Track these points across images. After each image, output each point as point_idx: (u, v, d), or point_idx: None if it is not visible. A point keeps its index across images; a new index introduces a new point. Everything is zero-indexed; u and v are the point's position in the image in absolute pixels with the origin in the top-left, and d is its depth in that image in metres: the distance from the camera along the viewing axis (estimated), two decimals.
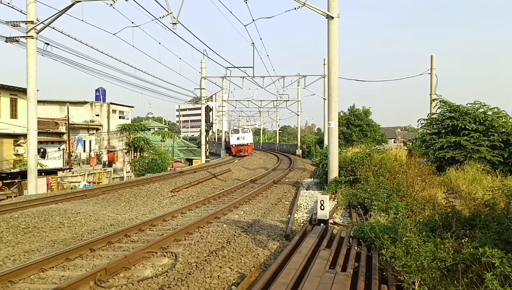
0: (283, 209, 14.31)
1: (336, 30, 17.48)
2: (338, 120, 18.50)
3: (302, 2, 17.59)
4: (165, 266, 7.55)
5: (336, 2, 17.39)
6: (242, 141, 52.67)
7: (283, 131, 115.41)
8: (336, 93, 17.78)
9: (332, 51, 17.55)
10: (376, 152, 18.90)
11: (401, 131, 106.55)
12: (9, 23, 18.12)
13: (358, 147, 21.93)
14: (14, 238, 9.83)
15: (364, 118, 49.57)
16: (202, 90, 42.52)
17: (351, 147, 24.16)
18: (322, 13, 17.53)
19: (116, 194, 16.07)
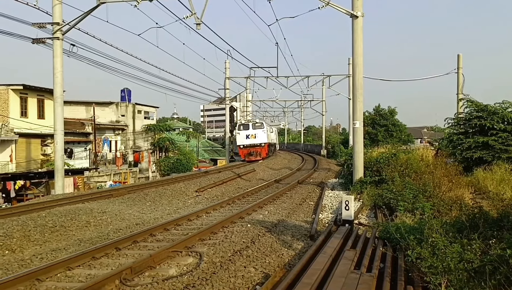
0: (308, 209, 14.24)
1: (361, 29, 17.34)
2: (363, 120, 18.33)
3: (326, 1, 17.53)
4: (190, 265, 7.58)
5: (360, 1, 17.27)
6: (252, 140, 39.19)
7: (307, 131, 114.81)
8: (361, 92, 17.62)
9: (356, 50, 17.41)
10: (402, 152, 18.64)
11: (427, 131, 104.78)
12: (36, 25, 18.53)
13: (383, 147, 21.66)
14: (41, 236, 10.03)
15: (390, 118, 48.97)
16: (226, 91, 42.74)
17: (376, 147, 23.89)
18: (346, 12, 17.42)
19: (142, 193, 16.27)
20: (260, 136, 39.01)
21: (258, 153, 38.84)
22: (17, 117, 37.37)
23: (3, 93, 37.39)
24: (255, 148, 38.97)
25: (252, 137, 38.75)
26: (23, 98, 38.41)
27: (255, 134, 38.87)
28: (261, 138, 39.08)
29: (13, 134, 36.37)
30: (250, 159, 37.91)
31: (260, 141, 39.05)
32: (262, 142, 39.07)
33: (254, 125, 39.72)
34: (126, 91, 55.42)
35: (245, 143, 38.88)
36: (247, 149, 39.02)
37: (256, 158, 37.92)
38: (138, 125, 55.21)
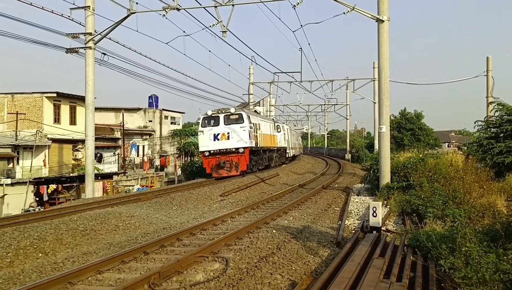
0: (333, 215, 14.12)
1: (386, 33, 17.24)
2: (389, 124, 18.16)
3: (351, 6, 17.54)
4: (216, 271, 7.58)
5: (386, 5, 17.18)
6: (224, 143, 25.11)
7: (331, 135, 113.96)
8: (387, 96, 17.46)
9: (382, 54, 17.30)
10: (430, 157, 18.34)
11: (455, 135, 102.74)
12: (69, 35, 19.10)
13: (410, 152, 21.37)
14: (73, 240, 10.23)
15: (416, 121, 48.33)
16: (250, 96, 42.94)
17: (402, 152, 23.59)
18: (372, 16, 17.36)
19: (168, 198, 16.44)
20: (237, 136, 24.91)
21: (233, 164, 24.80)
22: (51, 124, 38.52)
23: (38, 100, 38.58)
24: (227, 156, 24.80)
25: (224, 137, 24.92)
26: (56, 105, 39.58)
27: (228, 133, 24.94)
28: (239, 139, 24.86)
29: (47, 139, 37.40)
30: (219, 174, 24.76)
31: (237, 145, 24.78)
32: (241, 146, 24.68)
33: (227, 118, 25.19)
34: (154, 97, 56.33)
35: (212, 148, 24.84)
36: (215, 157, 24.89)
37: (230, 173, 24.64)
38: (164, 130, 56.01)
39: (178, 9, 18.88)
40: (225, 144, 24.93)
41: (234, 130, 24.98)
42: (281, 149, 37.46)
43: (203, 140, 25.30)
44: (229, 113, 25.42)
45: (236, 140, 24.89)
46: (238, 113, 25.53)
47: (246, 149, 25.08)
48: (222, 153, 24.95)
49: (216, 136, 25.02)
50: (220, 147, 24.93)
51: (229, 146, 24.94)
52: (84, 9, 19.39)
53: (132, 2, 18.95)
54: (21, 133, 37.15)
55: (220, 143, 24.95)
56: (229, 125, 25.09)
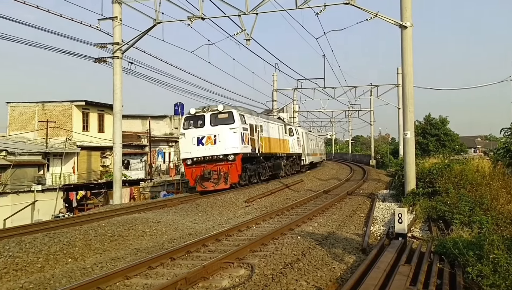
0: (358, 221, 14.06)
1: (410, 39, 17.22)
2: (414, 129, 18.05)
3: (374, 13, 17.62)
4: (242, 277, 7.64)
5: (409, 11, 17.16)
6: (209, 149, 20.97)
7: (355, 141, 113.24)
8: (412, 102, 17.39)
9: (406, 60, 17.27)
10: (456, 163, 18.11)
11: (481, 140, 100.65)
12: (98, 45, 19.61)
13: (435, 158, 21.12)
14: (101, 245, 10.44)
15: (441, 127, 47.84)
16: (273, 102, 43.14)
17: (428, 158, 23.34)
18: (395, 23, 17.38)
19: (194, 204, 16.63)
20: (226, 140, 20.58)
21: (220, 175, 20.61)
22: (79, 131, 39.48)
23: (67, 109, 39.64)
24: (214, 164, 20.73)
25: (209, 142, 20.68)
26: (85, 113, 40.56)
27: (215, 136, 20.65)
28: (229, 143, 20.58)
29: (76, 147, 38.31)
30: (204, 187, 20.76)
31: (225, 151, 20.52)
32: (231, 152, 20.55)
33: (214, 117, 20.98)
34: (179, 105, 57.03)
35: (195, 154, 20.87)
36: (199, 166, 20.87)
37: (218, 187, 20.57)
38: None
39: (203, 18, 19.18)
40: (211, 150, 20.70)
41: (222, 133, 20.64)
42: (293, 155, 32.80)
43: (185, 145, 21.36)
44: (217, 111, 21.04)
45: (225, 145, 20.54)
46: (228, 112, 21.15)
47: (237, 156, 20.73)
48: (208, 161, 20.78)
49: (200, 140, 20.80)
50: (205, 154, 20.73)
51: (216, 152, 20.66)
52: (112, 19, 19.86)
53: (158, 12, 19.34)
54: (51, 141, 38.10)
55: (205, 148, 20.74)
56: (216, 126, 20.81)
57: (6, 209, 31.01)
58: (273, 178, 27.21)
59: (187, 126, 21.48)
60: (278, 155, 28.37)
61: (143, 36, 20.05)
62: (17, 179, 33.75)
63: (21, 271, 8.49)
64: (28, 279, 8.07)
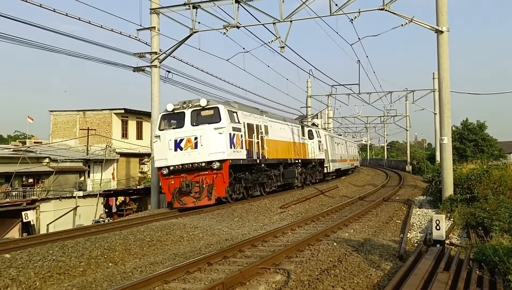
0: (395, 228, 13.91)
1: (446, 44, 17.02)
2: (451, 135, 17.78)
3: (409, 18, 17.50)
4: (278, 282, 7.68)
5: (445, 16, 16.98)
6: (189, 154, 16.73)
7: (391, 146, 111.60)
8: (448, 107, 17.16)
9: (442, 65, 17.09)
10: (495, 168, 17.69)
11: None
12: (136, 55, 20.16)
13: (473, 163, 20.68)
14: (140, 250, 10.69)
15: (479, 132, 46.91)
16: (308, 108, 43.16)
17: (465, 163, 22.86)
18: (431, 28, 17.22)
19: (230, 209, 16.80)
20: (209, 142, 16.72)
21: (202, 188, 16.69)
22: (119, 138, 40.59)
23: (107, 116, 40.90)
24: (195, 174, 16.87)
25: (189, 145, 16.86)
26: (124, 120, 41.76)
27: (195, 139, 16.81)
28: (213, 147, 16.67)
29: (115, 154, 39.39)
30: (183, 204, 16.75)
31: (209, 157, 16.64)
32: (216, 158, 16.62)
33: (196, 114, 17.26)
34: None
35: (171, 162, 16.97)
36: (178, 177, 16.99)
37: (200, 203, 16.68)
38: None
39: (238, 27, 19.44)
40: (190, 156, 16.64)
41: (205, 134, 16.66)
42: (312, 162, 28.54)
43: (159, 150, 17.27)
44: (199, 107, 17.09)
45: (208, 149, 16.54)
46: (213, 107, 17.13)
47: (224, 163, 16.63)
48: (188, 171, 16.80)
49: (178, 144, 16.82)
50: (183, 161, 16.69)
51: (196, 159, 16.59)
52: (150, 29, 20.37)
53: (195, 22, 19.70)
54: (92, 148, 39.33)
55: (183, 154, 16.73)
56: (199, 125, 16.97)
57: (49, 214, 32.17)
58: (285, 189, 24.19)
59: (164, 127, 17.59)
60: (290, 161, 24.23)
61: (180, 45, 20.47)
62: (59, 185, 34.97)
63: (64, 275, 8.73)
64: (71, 283, 8.32)
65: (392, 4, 17.46)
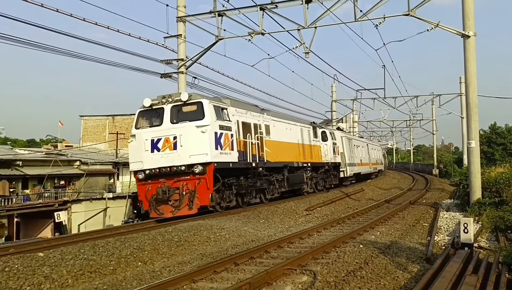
0: (422, 231, 13.81)
1: (473, 48, 16.99)
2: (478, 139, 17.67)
3: (435, 23, 17.53)
4: (305, 283, 7.74)
5: (472, 21, 16.93)
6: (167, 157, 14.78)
7: (417, 150, 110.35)
8: (476, 112, 17.11)
9: (469, 69, 17.03)
10: None
11: None
12: (164, 61, 20.53)
13: (502, 167, 20.36)
14: (168, 250, 10.87)
15: (508, 136, 46.43)
16: (333, 112, 43.27)
17: (493, 167, 22.50)
18: (457, 32, 17.21)
19: (256, 211, 16.91)
20: (190, 143, 14.83)
21: (182, 195, 14.72)
22: None
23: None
24: (174, 179, 14.89)
25: (168, 146, 15.03)
26: None
27: (174, 138, 14.92)
28: (194, 147, 14.77)
29: None
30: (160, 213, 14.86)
31: (190, 160, 14.71)
32: (198, 161, 14.66)
33: (176, 110, 15.37)
34: None
35: (148, 165, 15.15)
36: (156, 182, 15.08)
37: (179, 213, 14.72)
38: None
39: (263, 33, 19.62)
40: (169, 158, 14.74)
41: (185, 133, 14.75)
42: (325, 165, 26.48)
43: (135, 151, 15.47)
44: (180, 102, 15.20)
45: (189, 151, 14.63)
46: (196, 102, 15.14)
47: (208, 167, 14.63)
48: (167, 175, 14.83)
49: (155, 144, 14.97)
50: (161, 164, 14.77)
51: (175, 162, 14.65)
52: (177, 37, 20.71)
53: (220, 29, 19.99)
54: (121, 151, 40.04)
55: (161, 156, 14.84)
56: (179, 123, 15.07)
57: (80, 215, 32.94)
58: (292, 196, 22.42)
59: (141, 125, 15.72)
60: (297, 165, 21.99)
61: (206, 52, 20.76)
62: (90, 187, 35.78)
63: (95, 273, 8.94)
64: (102, 281, 8.53)
65: (417, 9, 17.43)
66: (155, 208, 14.90)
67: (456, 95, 44.40)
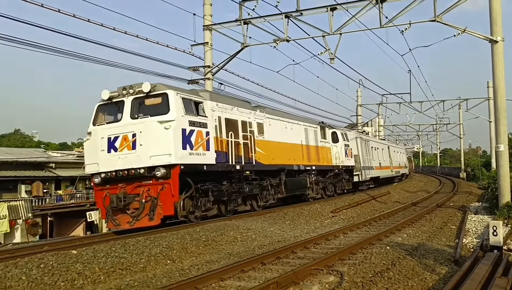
0: (450, 233, 13.68)
1: (501, 53, 16.97)
2: (507, 142, 17.56)
3: (462, 28, 17.58)
4: (332, 283, 7.78)
5: (500, 26, 16.90)
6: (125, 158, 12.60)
7: (444, 154, 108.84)
8: (504, 116, 17.10)
9: (497, 74, 17.00)
10: None
11: None
12: (191, 68, 20.95)
13: None
14: (196, 249, 11.04)
15: None
16: (358, 117, 43.40)
17: None
18: (485, 38, 17.16)
19: (281, 213, 17.01)
20: (151, 141, 12.61)
21: (142, 203, 12.65)
22: None
23: None
24: (133, 184, 12.89)
25: (126, 145, 12.84)
26: None
27: (133, 136, 12.73)
28: (156, 147, 12.55)
29: None
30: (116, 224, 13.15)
31: (149, 162, 12.49)
32: (159, 162, 12.43)
33: (138, 103, 13.21)
34: None
35: (104, 167, 13.00)
36: (114, 187, 13.10)
37: (139, 224, 12.81)
38: None
39: (288, 40, 19.81)
40: (127, 160, 12.64)
41: (146, 129, 12.62)
42: (334, 169, 24.23)
43: (90, 151, 13.54)
44: (142, 94, 13.07)
45: (149, 151, 12.51)
46: (160, 94, 13.01)
47: (172, 170, 12.55)
48: (125, 179, 12.83)
49: (112, 143, 12.92)
50: (118, 167, 12.71)
51: (134, 164, 12.53)
52: (203, 45, 21.09)
53: (246, 37, 20.27)
54: None
55: (119, 157, 12.77)
56: (140, 118, 12.97)
57: None
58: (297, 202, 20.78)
59: (100, 121, 13.59)
60: (299, 168, 20.00)
61: (232, 59, 21.07)
62: None
63: (126, 270, 9.15)
64: (133, 278, 8.74)
65: (443, 15, 17.37)
66: (112, 218, 13.01)
67: (483, 99, 44.43)
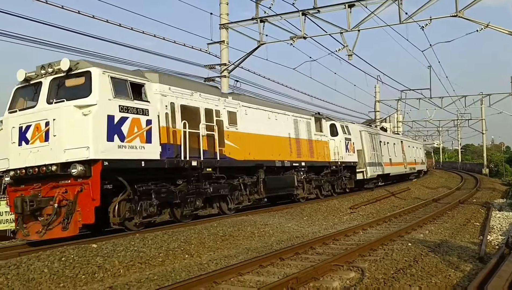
0: (473, 230, 13.36)
1: None
2: None
3: (485, 24, 17.19)
4: (353, 279, 7.65)
5: None
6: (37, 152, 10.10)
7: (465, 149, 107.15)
8: None
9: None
10: None
11: None
12: (207, 66, 21.02)
13: None
14: (214, 244, 11.01)
15: None
16: (376, 113, 43.02)
17: None
18: (508, 33, 16.85)
19: (299, 209, 16.88)
20: (65, 131, 10.04)
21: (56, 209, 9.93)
22: None
23: None
24: (50, 184, 10.21)
25: (38, 136, 10.31)
26: None
27: (46, 125, 10.21)
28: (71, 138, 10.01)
29: None
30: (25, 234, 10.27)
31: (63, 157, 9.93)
32: (75, 157, 9.86)
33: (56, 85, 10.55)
34: None
35: (15, 163, 10.52)
36: (29, 187, 10.48)
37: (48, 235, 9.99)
38: None
39: (305, 37, 19.61)
40: (38, 154, 10.34)
41: (61, 116, 10.25)
42: (332, 165, 21.81)
43: (1, 143, 11.17)
44: (62, 73, 10.63)
45: (63, 143, 10.17)
46: (83, 72, 10.55)
47: (93, 167, 10.14)
48: (38, 179, 10.49)
49: (24, 134, 10.64)
50: (28, 163, 10.41)
51: (46, 160, 10.21)
52: (219, 43, 21.06)
53: (262, 35, 20.21)
54: None
55: (30, 150, 10.46)
56: (55, 102, 10.47)
57: None
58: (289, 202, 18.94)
59: (16, 107, 11.17)
60: (282, 165, 17.28)
61: (248, 56, 20.98)
62: None
63: (145, 264, 9.20)
64: (152, 271, 8.76)
65: (465, 10, 16.96)
66: (21, 226, 10.45)
67: (507, 94, 43.42)
